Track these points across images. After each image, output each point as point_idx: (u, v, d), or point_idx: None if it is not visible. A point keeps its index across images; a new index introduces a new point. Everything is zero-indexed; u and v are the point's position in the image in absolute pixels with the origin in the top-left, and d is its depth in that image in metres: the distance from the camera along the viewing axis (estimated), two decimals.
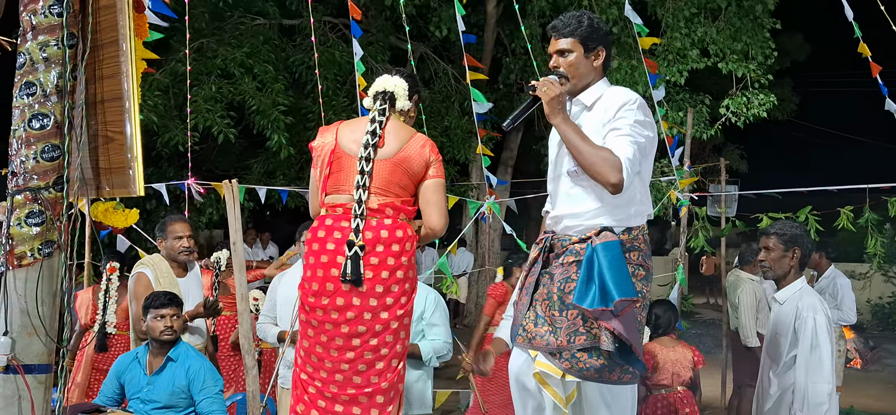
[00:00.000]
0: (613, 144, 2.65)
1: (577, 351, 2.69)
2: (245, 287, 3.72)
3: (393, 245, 2.77)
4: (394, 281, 2.77)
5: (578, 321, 2.69)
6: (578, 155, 2.67)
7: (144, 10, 2.49)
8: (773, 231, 3.58)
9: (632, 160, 2.63)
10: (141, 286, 4.43)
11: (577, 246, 2.75)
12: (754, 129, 15.03)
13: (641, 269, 2.77)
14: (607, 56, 2.88)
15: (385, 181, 2.81)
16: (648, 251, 2.84)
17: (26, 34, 2.46)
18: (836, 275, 6.71)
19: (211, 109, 9.68)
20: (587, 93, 2.85)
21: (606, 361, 2.68)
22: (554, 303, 2.76)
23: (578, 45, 2.81)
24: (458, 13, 5.65)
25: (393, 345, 2.80)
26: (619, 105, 2.71)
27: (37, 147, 2.42)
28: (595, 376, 2.71)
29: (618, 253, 2.64)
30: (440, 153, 3.00)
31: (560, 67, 2.83)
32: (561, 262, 2.79)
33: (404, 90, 2.97)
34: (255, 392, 3.65)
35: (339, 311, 2.78)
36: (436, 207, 2.90)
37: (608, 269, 2.59)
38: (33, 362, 2.45)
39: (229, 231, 3.77)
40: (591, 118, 2.79)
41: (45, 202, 2.42)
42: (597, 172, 2.62)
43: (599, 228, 2.71)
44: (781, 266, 3.54)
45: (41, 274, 2.42)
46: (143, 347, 4.12)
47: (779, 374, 3.52)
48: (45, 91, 2.42)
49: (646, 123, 2.71)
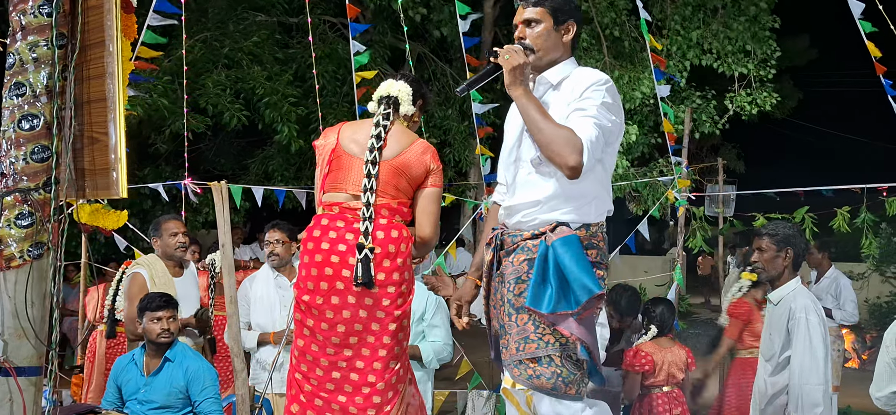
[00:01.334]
0: (576, 125, 2.42)
1: (527, 359, 2.48)
2: (234, 289, 3.71)
3: (389, 246, 2.76)
4: (390, 282, 2.76)
5: (529, 327, 2.49)
6: (537, 133, 2.45)
7: (133, 11, 2.47)
8: (766, 232, 3.58)
9: (594, 143, 2.40)
10: (136, 287, 4.41)
11: (529, 243, 2.53)
12: (752, 128, 15.01)
13: (600, 268, 2.54)
14: (577, 33, 2.66)
15: (383, 183, 2.81)
16: (606, 249, 2.62)
17: (16, 34, 2.44)
18: (837, 275, 6.71)
19: (220, 93, 9.68)
20: (554, 70, 2.64)
21: (562, 371, 2.46)
22: (505, 307, 2.58)
23: (548, 15, 2.59)
24: (459, 13, 5.63)
25: (390, 346, 2.78)
26: (586, 85, 2.50)
27: (26, 148, 2.41)
28: (547, 386, 2.47)
29: (578, 249, 2.42)
30: (440, 157, 2.99)
31: (526, 39, 2.61)
32: (511, 260, 2.58)
33: (408, 95, 2.98)
34: (244, 396, 3.63)
35: (335, 310, 2.77)
36: (429, 217, 2.89)
37: (572, 264, 2.38)
38: (24, 365, 2.44)
39: (218, 233, 3.75)
40: (558, 98, 2.59)
41: (34, 203, 2.40)
42: (554, 153, 2.39)
43: (555, 224, 2.49)
44: (775, 267, 3.54)
45: (31, 276, 2.40)
46: (140, 348, 4.11)
47: (773, 375, 3.52)
48: (34, 91, 2.41)
49: (613, 107, 2.50)
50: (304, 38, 10.96)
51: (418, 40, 11.93)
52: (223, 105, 9.62)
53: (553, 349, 2.46)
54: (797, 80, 15.62)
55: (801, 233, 3.68)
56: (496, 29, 12.32)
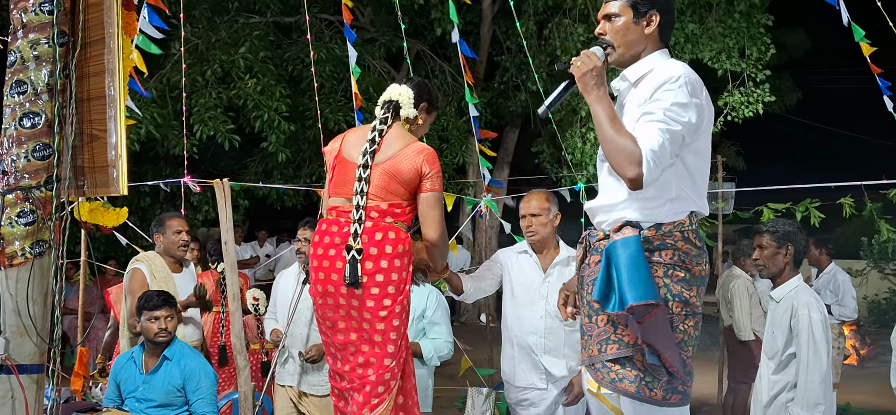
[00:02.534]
0: (640, 132, 2.28)
1: (609, 361, 2.41)
2: (236, 287, 3.72)
3: (371, 248, 2.80)
4: (373, 283, 2.81)
5: (609, 328, 2.42)
6: (603, 142, 2.33)
7: (134, 8, 2.47)
8: (766, 229, 3.58)
9: (657, 153, 2.24)
10: (136, 282, 4.42)
11: (601, 243, 2.47)
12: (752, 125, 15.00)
13: (678, 269, 2.39)
14: (663, 22, 2.49)
15: (375, 187, 2.85)
16: (692, 250, 2.42)
17: (17, 32, 2.44)
18: (836, 271, 6.72)
19: (212, 116, 9.63)
20: (634, 68, 2.49)
21: (645, 374, 2.37)
22: (584, 309, 2.53)
23: (628, 8, 2.45)
24: (453, 19, 5.62)
25: (383, 344, 2.84)
26: (657, 84, 2.35)
27: (28, 146, 2.41)
28: (630, 390, 2.38)
29: (635, 251, 2.31)
30: (440, 156, 3.00)
31: (606, 35, 2.49)
32: (588, 262, 2.53)
33: (409, 98, 2.99)
34: (246, 393, 3.64)
35: (332, 309, 2.89)
36: (431, 222, 2.92)
37: (623, 268, 2.29)
38: (26, 362, 2.44)
39: (221, 231, 3.76)
40: (635, 97, 2.44)
41: (36, 201, 2.40)
42: (615, 164, 2.29)
43: (621, 223, 2.40)
44: (775, 263, 3.55)
45: (32, 273, 2.41)
46: (139, 347, 4.11)
47: (775, 372, 3.52)
48: (35, 89, 2.41)
49: (688, 106, 2.31)
50: (299, 38, 10.94)
51: (417, 38, 11.91)
52: (215, 127, 9.58)
53: (634, 350, 2.39)
54: (797, 76, 15.61)
55: (801, 230, 3.69)
56: (495, 27, 12.30)
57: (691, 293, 2.40)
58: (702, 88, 2.40)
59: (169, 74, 9.60)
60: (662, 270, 2.37)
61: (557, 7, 10.67)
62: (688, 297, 2.39)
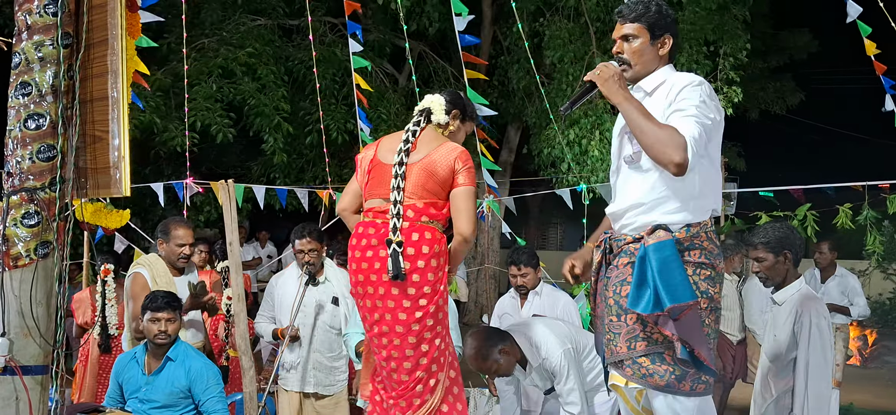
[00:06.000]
0: (677, 123, 2.45)
1: (639, 357, 2.55)
2: (241, 287, 3.72)
3: (422, 247, 2.91)
4: (425, 282, 2.92)
5: (637, 326, 2.55)
6: (640, 134, 2.47)
7: (137, 9, 2.47)
8: (759, 241, 3.50)
9: (697, 140, 2.42)
10: (137, 286, 4.41)
11: (631, 246, 2.59)
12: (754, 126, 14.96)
13: (705, 268, 2.56)
14: (674, 44, 2.71)
15: (413, 185, 2.96)
16: (715, 248, 2.61)
17: (22, 34, 2.45)
18: (844, 274, 6.71)
19: (210, 107, 9.66)
20: (649, 79, 2.69)
21: (674, 368, 2.51)
22: (612, 308, 2.63)
23: (645, 31, 2.65)
24: (454, 11, 5.61)
25: (417, 345, 2.94)
26: (681, 87, 2.54)
27: (33, 147, 2.41)
28: (661, 384, 2.53)
29: (671, 254, 2.47)
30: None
31: (623, 54, 2.68)
32: (616, 264, 2.65)
33: (441, 105, 3.14)
34: (252, 393, 3.64)
35: (370, 311, 3.02)
36: (464, 215, 3.00)
37: (659, 272, 2.43)
38: (30, 363, 2.45)
39: (225, 231, 3.77)
40: (652, 105, 2.60)
41: (40, 203, 2.41)
42: (659, 152, 2.42)
43: (653, 227, 2.54)
44: (777, 272, 3.49)
45: (36, 275, 2.41)
46: (141, 347, 4.11)
47: (777, 376, 3.48)
48: (40, 91, 2.41)
49: (711, 106, 2.52)
50: (302, 41, 10.94)
51: (418, 39, 11.90)
52: (211, 119, 9.59)
53: (664, 346, 2.52)
54: (800, 77, 15.56)
55: (793, 229, 3.64)
56: (495, 28, 12.29)
57: (715, 290, 2.57)
58: (715, 95, 2.59)
59: (174, 67, 9.62)
60: (692, 268, 2.52)
61: (550, 4, 10.60)
62: (712, 293, 2.56)
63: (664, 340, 2.51)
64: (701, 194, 2.58)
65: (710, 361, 2.50)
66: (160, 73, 9.57)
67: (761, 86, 14.62)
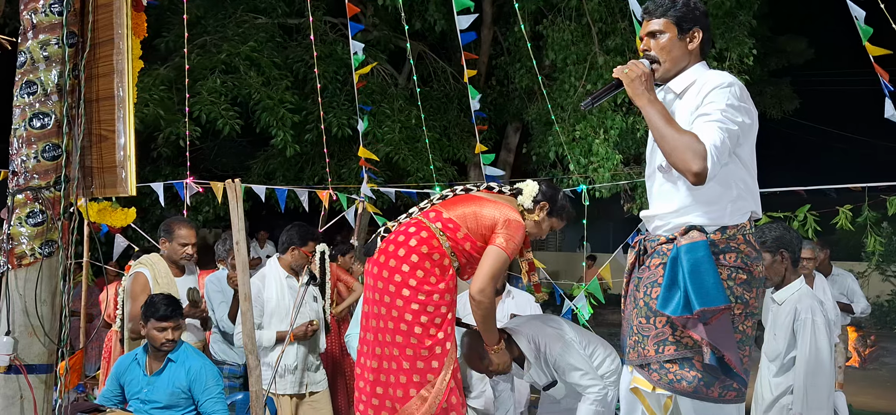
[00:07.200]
0: (699, 130, 2.36)
1: (666, 362, 2.47)
2: (248, 287, 3.72)
3: (411, 241, 3.01)
4: (412, 275, 2.97)
5: (667, 330, 2.48)
6: (660, 140, 2.40)
7: (143, 8, 2.48)
8: (757, 241, 3.53)
9: (718, 148, 2.32)
10: (138, 286, 4.42)
11: (664, 247, 2.52)
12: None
13: (741, 272, 2.47)
14: (705, 39, 2.60)
15: (459, 213, 3.05)
16: (753, 252, 2.52)
17: (27, 33, 2.45)
18: (843, 275, 6.72)
19: (215, 101, 9.66)
20: (678, 79, 2.59)
21: (703, 374, 2.44)
22: (641, 310, 2.57)
23: (672, 26, 2.55)
24: (455, 8, 5.61)
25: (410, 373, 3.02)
26: (709, 89, 2.44)
27: (37, 146, 2.41)
28: (688, 390, 2.45)
29: (704, 255, 2.39)
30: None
31: (651, 51, 2.58)
32: (648, 265, 2.58)
33: (532, 192, 3.20)
34: (258, 392, 3.64)
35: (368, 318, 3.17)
36: (480, 271, 3.00)
37: (690, 274, 2.36)
38: (34, 362, 2.45)
39: (232, 231, 3.77)
40: (682, 106, 2.53)
41: (45, 202, 2.41)
42: (677, 159, 2.34)
43: (686, 227, 2.47)
44: (776, 272, 3.51)
45: (41, 273, 2.41)
46: (142, 347, 4.11)
47: (777, 374, 3.50)
48: (45, 90, 2.41)
49: (740, 108, 2.42)
50: (303, 40, 10.95)
51: (419, 39, 11.90)
52: (216, 112, 9.59)
53: (693, 351, 2.45)
54: (798, 81, 15.55)
55: (790, 229, 3.65)
56: (495, 28, 12.29)
57: (751, 295, 2.48)
58: (748, 95, 2.48)
59: (177, 61, 9.61)
60: (726, 272, 2.44)
61: (552, 5, 10.61)
62: (748, 298, 2.47)
63: (694, 345, 2.44)
64: (738, 197, 2.50)
65: (740, 367, 2.43)
66: (163, 69, 9.57)
67: (759, 90, 14.64)
